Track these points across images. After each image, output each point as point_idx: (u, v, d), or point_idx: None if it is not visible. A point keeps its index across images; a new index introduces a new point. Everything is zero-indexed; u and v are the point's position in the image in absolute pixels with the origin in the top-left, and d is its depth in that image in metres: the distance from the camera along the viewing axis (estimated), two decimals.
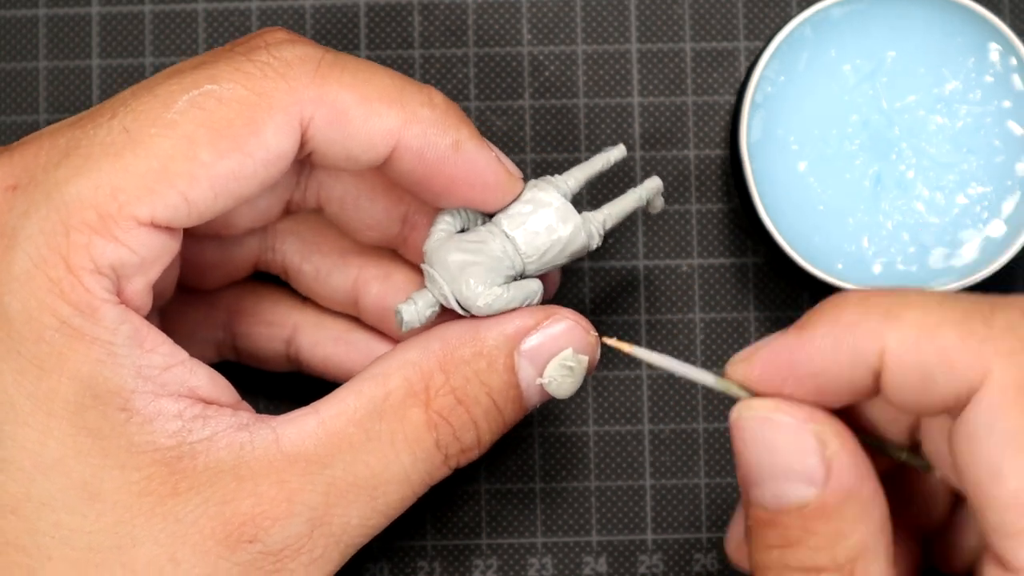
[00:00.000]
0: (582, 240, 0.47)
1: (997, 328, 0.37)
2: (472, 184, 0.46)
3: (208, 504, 0.42)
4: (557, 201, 0.47)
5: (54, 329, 0.41)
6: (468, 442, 0.45)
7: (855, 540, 0.40)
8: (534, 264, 0.46)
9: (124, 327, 0.42)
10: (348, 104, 0.44)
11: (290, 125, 0.43)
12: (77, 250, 0.41)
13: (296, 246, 0.50)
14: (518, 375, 0.45)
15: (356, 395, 0.45)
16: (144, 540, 0.42)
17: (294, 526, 0.43)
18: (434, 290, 0.46)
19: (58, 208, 0.42)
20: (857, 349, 0.39)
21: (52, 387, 0.42)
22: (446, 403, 0.45)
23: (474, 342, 0.45)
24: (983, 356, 0.37)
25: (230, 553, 0.43)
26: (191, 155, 0.42)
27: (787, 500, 0.40)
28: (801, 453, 0.40)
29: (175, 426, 0.42)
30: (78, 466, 0.42)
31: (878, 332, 0.39)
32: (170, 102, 0.43)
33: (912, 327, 0.38)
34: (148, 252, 0.42)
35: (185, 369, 0.43)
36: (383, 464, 0.44)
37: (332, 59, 0.44)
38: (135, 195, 0.42)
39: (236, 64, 0.43)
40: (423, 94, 0.45)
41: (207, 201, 0.43)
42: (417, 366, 0.45)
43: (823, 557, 0.40)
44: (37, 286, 0.41)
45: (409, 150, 0.44)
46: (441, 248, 0.46)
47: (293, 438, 0.44)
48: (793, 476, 0.40)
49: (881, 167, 0.51)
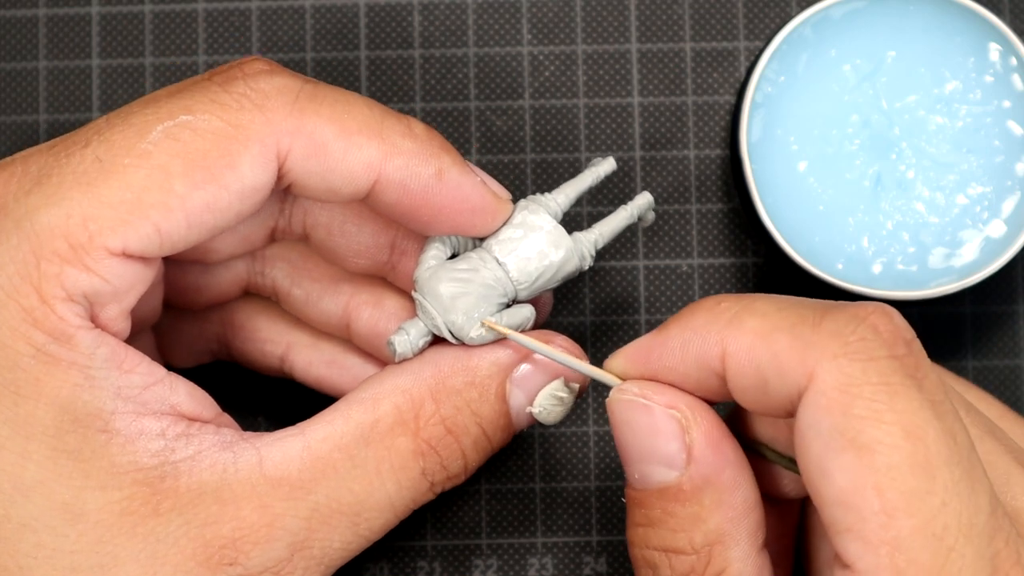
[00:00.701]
0: (574, 263, 0.46)
1: (824, 333, 0.39)
2: (459, 211, 0.45)
3: (189, 526, 0.42)
4: (548, 224, 0.46)
5: (30, 356, 0.41)
6: (455, 470, 0.45)
7: (712, 526, 0.41)
8: (526, 290, 0.46)
9: (101, 350, 0.42)
10: (327, 137, 0.43)
11: (266, 157, 0.43)
12: (48, 279, 0.41)
13: (285, 271, 0.50)
14: (509, 403, 0.45)
15: (344, 419, 0.44)
16: (125, 560, 0.42)
17: (275, 550, 0.43)
18: (426, 320, 0.45)
19: (29, 237, 0.41)
20: (702, 352, 0.41)
21: (30, 412, 0.41)
22: (435, 433, 0.45)
23: (466, 371, 0.45)
24: (808, 360, 0.39)
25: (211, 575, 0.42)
26: (165, 186, 0.42)
27: (651, 481, 0.42)
28: (663, 437, 0.42)
29: (158, 445, 0.42)
30: (59, 488, 0.42)
31: (720, 337, 0.41)
32: (144, 132, 0.42)
33: (749, 333, 0.40)
34: (121, 282, 0.42)
35: (165, 386, 0.43)
36: (367, 491, 0.44)
37: (311, 90, 0.44)
38: (107, 225, 0.41)
39: (212, 95, 0.43)
40: (403, 124, 0.45)
41: (180, 232, 0.42)
42: (408, 393, 0.45)
43: (681, 540, 0.41)
44: (10, 315, 0.41)
45: (392, 182, 0.44)
46: (432, 278, 0.45)
47: (277, 461, 0.43)
48: (655, 458, 0.42)
49: (881, 167, 0.51)
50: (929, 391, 0.38)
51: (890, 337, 0.39)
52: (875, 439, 0.37)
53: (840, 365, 0.38)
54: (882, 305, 0.40)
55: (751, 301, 0.41)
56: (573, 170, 0.56)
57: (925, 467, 0.37)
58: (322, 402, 0.51)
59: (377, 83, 0.56)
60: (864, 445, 0.37)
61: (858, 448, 0.38)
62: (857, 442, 0.38)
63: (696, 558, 0.41)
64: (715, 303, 0.41)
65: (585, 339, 0.55)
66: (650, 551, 0.42)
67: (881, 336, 0.39)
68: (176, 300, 0.49)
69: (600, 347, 0.55)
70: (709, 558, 0.41)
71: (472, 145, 0.56)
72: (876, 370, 0.38)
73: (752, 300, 0.41)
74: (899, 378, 0.38)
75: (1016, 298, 0.55)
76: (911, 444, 0.37)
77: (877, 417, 0.38)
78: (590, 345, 0.55)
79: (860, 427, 0.38)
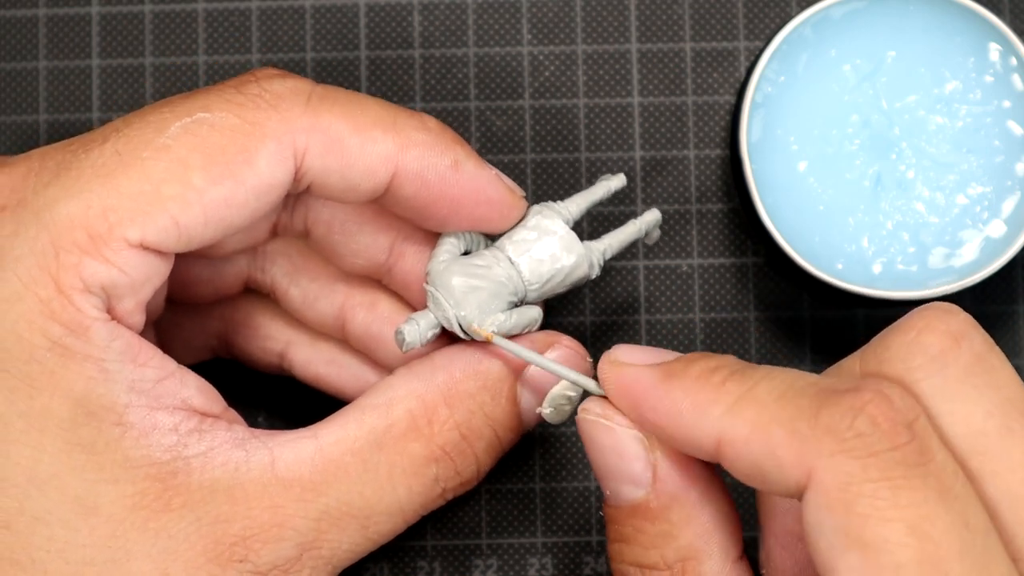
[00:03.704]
0: (584, 270, 0.47)
1: (820, 429, 0.38)
2: (477, 203, 0.45)
3: (201, 523, 0.42)
4: (562, 230, 0.47)
5: (45, 349, 0.41)
6: (468, 475, 0.46)
7: (683, 542, 0.41)
8: (536, 291, 0.47)
9: (116, 343, 0.42)
10: (342, 132, 0.44)
11: (282, 154, 0.43)
12: (67, 270, 0.41)
13: (285, 268, 0.50)
14: (520, 405, 0.46)
15: (357, 424, 0.44)
16: (137, 555, 0.42)
17: (284, 549, 0.43)
18: (437, 312, 0.46)
19: (48, 228, 0.42)
20: (698, 430, 0.40)
21: (45, 405, 0.41)
22: (450, 438, 0.45)
23: (478, 375, 0.45)
24: (805, 458, 0.38)
25: (221, 571, 0.43)
26: (184, 179, 0.42)
27: (621, 499, 0.42)
28: (626, 457, 0.42)
29: (171, 440, 0.42)
30: (73, 481, 0.42)
31: (718, 425, 0.40)
32: (163, 128, 0.43)
33: (746, 424, 0.39)
34: (138, 274, 0.42)
35: (176, 380, 0.43)
36: (378, 496, 0.44)
37: (323, 92, 0.44)
38: (126, 216, 0.42)
39: (227, 96, 0.43)
40: (416, 119, 0.45)
41: (197, 227, 0.42)
42: (421, 399, 0.45)
43: (653, 556, 0.42)
44: (27, 307, 0.41)
45: (409, 173, 0.44)
46: (446, 271, 0.46)
47: (289, 462, 0.43)
48: (622, 477, 0.42)
49: (881, 167, 0.51)
50: (936, 475, 0.37)
51: (889, 427, 0.37)
52: (880, 537, 0.36)
53: (838, 463, 0.37)
54: (880, 387, 0.38)
55: (753, 385, 0.39)
56: (573, 170, 0.56)
57: (935, 564, 0.36)
58: (321, 400, 0.51)
59: (377, 83, 0.56)
60: (869, 544, 0.36)
61: (863, 547, 0.36)
62: (862, 541, 0.36)
63: (669, 574, 0.42)
64: (720, 381, 0.40)
65: (585, 339, 0.55)
66: (625, 566, 0.42)
67: (880, 428, 0.37)
68: (178, 295, 0.49)
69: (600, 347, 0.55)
70: (683, 573, 0.41)
71: (472, 145, 0.56)
72: (876, 466, 0.37)
73: (754, 384, 0.40)
74: (901, 471, 0.37)
75: (1016, 298, 0.55)
76: (918, 541, 0.36)
77: (880, 515, 0.36)
78: (590, 345, 0.55)
79: (864, 525, 0.36)
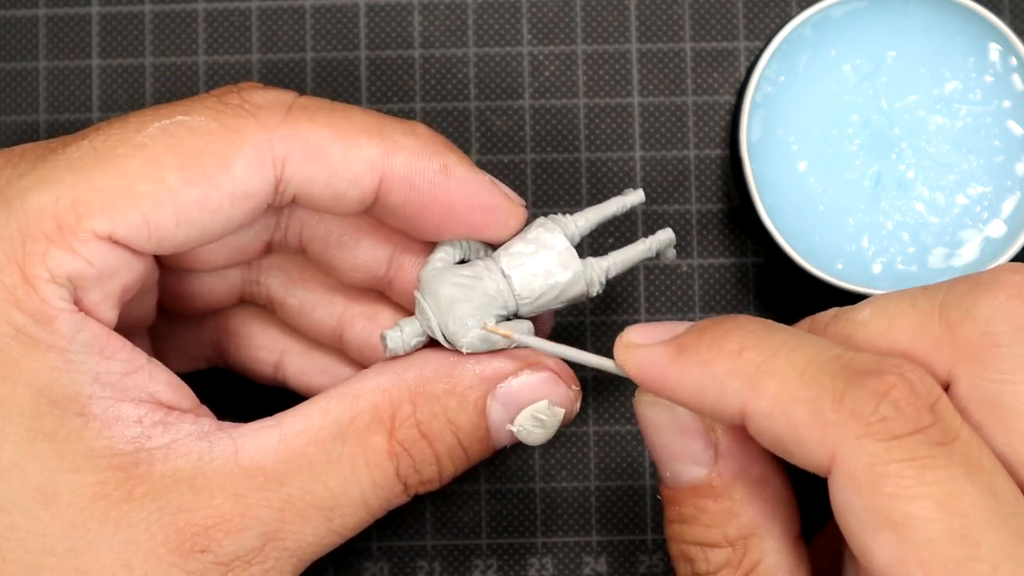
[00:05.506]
0: (580, 288, 0.46)
1: (844, 411, 0.38)
2: (470, 208, 0.45)
3: (163, 512, 0.42)
4: (561, 245, 0.46)
5: (10, 337, 0.41)
6: (428, 475, 0.45)
7: (746, 519, 0.42)
8: (528, 306, 0.46)
9: (82, 335, 0.42)
10: (324, 140, 0.44)
11: (260, 160, 0.43)
12: (33, 259, 0.41)
13: (280, 280, 0.50)
14: (489, 417, 0.45)
15: (322, 414, 0.44)
16: (98, 544, 0.42)
17: (247, 539, 0.43)
18: (422, 320, 0.45)
19: (17, 217, 0.42)
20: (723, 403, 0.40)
21: (7, 393, 0.41)
22: (409, 435, 0.44)
23: (448, 379, 0.45)
24: (828, 439, 0.38)
25: (183, 562, 0.42)
26: (158, 178, 0.42)
27: (681, 479, 0.43)
28: (688, 436, 0.42)
29: (134, 432, 0.42)
30: (34, 470, 0.42)
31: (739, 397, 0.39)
32: (142, 127, 0.43)
33: (768, 399, 0.39)
34: (105, 266, 0.42)
35: (145, 374, 0.43)
36: (342, 487, 0.44)
37: (305, 102, 0.44)
38: (96, 208, 0.42)
39: (208, 104, 0.44)
40: (405, 125, 0.45)
41: (169, 227, 0.42)
42: (387, 393, 0.45)
43: (715, 534, 0.42)
44: None
45: (397, 179, 0.44)
46: (435, 279, 0.45)
47: (252, 452, 0.43)
48: (684, 457, 0.43)
49: (881, 167, 0.51)
50: (961, 452, 0.37)
51: (912, 411, 0.38)
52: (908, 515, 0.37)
53: (863, 445, 0.37)
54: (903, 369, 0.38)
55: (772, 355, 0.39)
56: (573, 170, 0.56)
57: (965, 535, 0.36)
58: None
59: (377, 83, 0.56)
60: (899, 522, 0.37)
61: (893, 525, 0.37)
62: (891, 520, 0.37)
63: (731, 551, 0.42)
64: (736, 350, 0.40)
65: (585, 339, 0.55)
66: (686, 546, 0.43)
67: (903, 412, 0.38)
68: (171, 305, 0.49)
69: (600, 347, 0.55)
70: (745, 550, 0.42)
71: (472, 145, 0.56)
72: (900, 447, 0.37)
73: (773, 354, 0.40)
74: (926, 450, 0.37)
75: None
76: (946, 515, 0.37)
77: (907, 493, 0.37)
78: (590, 345, 0.55)
79: (892, 504, 0.37)
